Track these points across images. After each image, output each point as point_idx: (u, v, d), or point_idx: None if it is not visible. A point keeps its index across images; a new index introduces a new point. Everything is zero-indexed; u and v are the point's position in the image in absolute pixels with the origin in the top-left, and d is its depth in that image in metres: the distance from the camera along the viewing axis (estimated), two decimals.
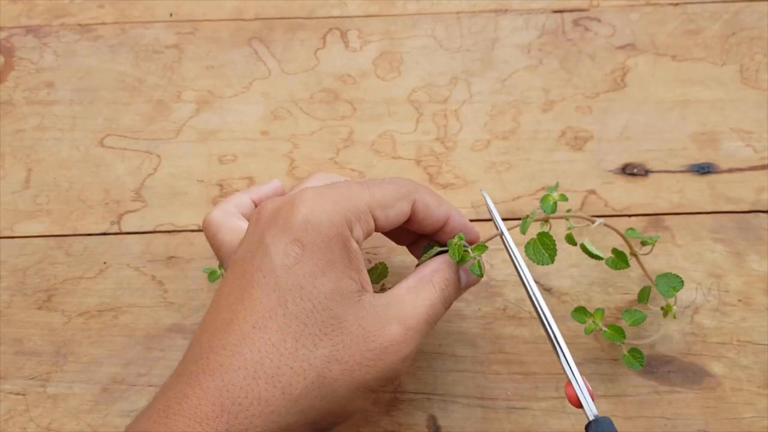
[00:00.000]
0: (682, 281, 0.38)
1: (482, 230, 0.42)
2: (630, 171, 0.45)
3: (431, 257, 0.35)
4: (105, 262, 0.44)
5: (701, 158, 0.46)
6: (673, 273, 0.39)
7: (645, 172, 0.45)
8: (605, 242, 0.43)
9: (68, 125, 0.48)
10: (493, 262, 0.43)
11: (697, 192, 0.45)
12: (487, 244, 0.34)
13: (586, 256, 0.41)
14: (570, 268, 0.42)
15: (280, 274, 0.30)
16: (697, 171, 0.45)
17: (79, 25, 0.51)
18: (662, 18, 0.49)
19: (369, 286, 0.32)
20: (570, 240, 0.38)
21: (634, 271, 0.43)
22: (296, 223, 0.30)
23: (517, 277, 0.43)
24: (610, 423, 0.31)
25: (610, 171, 0.46)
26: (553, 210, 0.36)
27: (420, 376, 0.41)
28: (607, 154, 0.46)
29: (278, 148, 0.47)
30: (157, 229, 0.45)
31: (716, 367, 0.40)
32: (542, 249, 0.35)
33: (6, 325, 0.43)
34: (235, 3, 0.51)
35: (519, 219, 0.44)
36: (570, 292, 0.42)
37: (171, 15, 0.51)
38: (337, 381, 0.29)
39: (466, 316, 0.42)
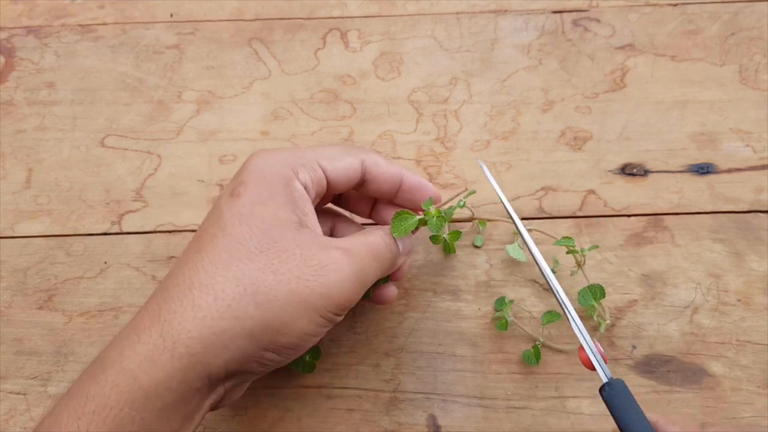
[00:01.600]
0: (603, 293, 0.39)
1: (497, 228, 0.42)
2: (629, 171, 0.46)
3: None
4: (105, 262, 0.44)
5: (700, 158, 0.46)
6: (599, 285, 0.39)
7: (644, 172, 0.45)
8: (604, 242, 0.43)
9: (69, 125, 0.48)
10: (492, 261, 0.43)
11: (696, 192, 0.45)
12: (479, 236, 0.35)
13: (586, 257, 0.41)
14: (570, 269, 0.43)
15: (224, 208, 0.32)
16: (697, 171, 0.45)
17: (80, 25, 0.51)
18: (661, 18, 0.49)
19: (316, 227, 0.33)
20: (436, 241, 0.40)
21: (633, 271, 0.43)
22: (242, 172, 0.33)
23: (516, 277, 0.43)
24: (623, 385, 0.31)
25: (610, 171, 0.46)
26: (438, 227, 0.37)
27: (420, 376, 0.41)
28: (606, 154, 0.46)
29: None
30: (158, 229, 0.45)
31: (715, 367, 0.41)
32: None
33: (6, 324, 0.43)
34: (235, 3, 0.51)
35: (522, 219, 0.44)
36: (570, 292, 0.42)
37: (171, 15, 0.51)
38: (272, 289, 0.30)
39: (466, 316, 0.42)
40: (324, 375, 0.41)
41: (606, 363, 0.32)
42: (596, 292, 0.39)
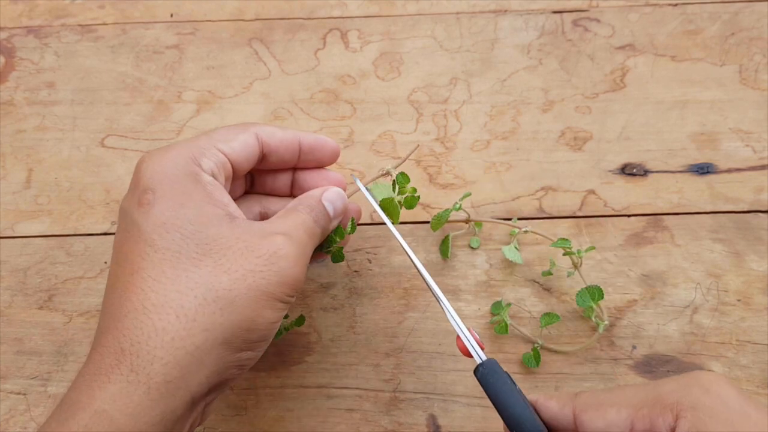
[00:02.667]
0: (602, 294, 0.39)
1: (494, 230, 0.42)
2: (629, 171, 0.46)
3: None
4: (106, 262, 0.44)
5: (700, 158, 0.46)
6: (597, 286, 0.39)
7: (644, 172, 0.45)
8: (604, 242, 0.43)
9: (69, 125, 0.48)
10: (492, 261, 0.43)
11: (696, 192, 0.45)
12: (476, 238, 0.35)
13: (585, 258, 0.41)
14: (567, 270, 0.43)
15: (140, 222, 0.30)
16: (697, 171, 0.45)
17: (80, 25, 0.51)
18: (661, 18, 0.50)
19: (242, 215, 0.32)
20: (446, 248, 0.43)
21: (633, 271, 0.43)
22: (142, 179, 0.31)
23: (516, 277, 0.43)
24: (495, 363, 0.31)
25: (610, 171, 0.46)
26: (338, 257, 0.38)
27: (420, 376, 0.41)
28: (606, 154, 0.46)
29: None
30: None
31: (715, 367, 0.41)
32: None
33: (7, 324, 0.43)
34: (235, 3, 0.51)
35: (520, 219, 0.44)
36: (569, 292, 0.42)
37: (171, 15, 0.51)
38: (231, 291, 0.29)
39: (466, 316, 0.42)
40: (324, 375, 0.41)
41: (482, 349, 0.33)
42: (594, 293, 0.39)
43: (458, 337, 0.33)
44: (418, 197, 0.39)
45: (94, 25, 0.51)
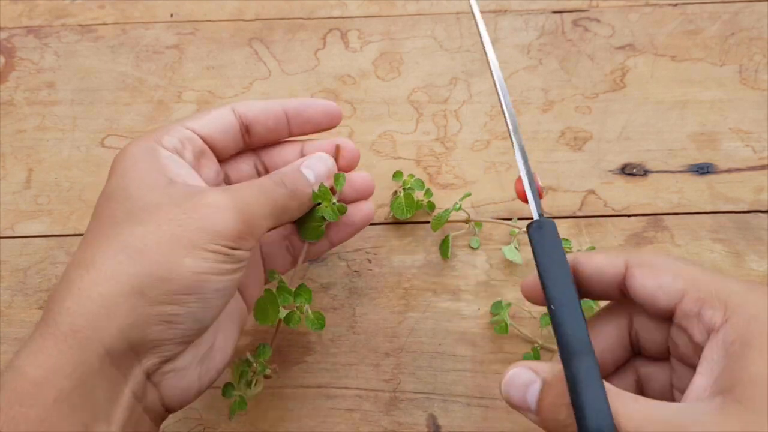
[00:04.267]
0: None
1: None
2: (629, 171, 0.46)
3: None
4: None
5: (700, 158, 0.46)
6: None
7: (644, 172, 0.45)
8: (604, 242, 0.43)
9: (69, 125, 0.48)
10: (492, 261, 0.43)
11: (696, 192, 0.45)
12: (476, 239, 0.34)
13: None
14: None
15: (99, 201, 0.31)
16: (697, 171, 0.45)
17: (80, 25, 0.51)
18: (661, 18, 0.50)
19: (195, 181, 0.32)
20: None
21: None
22: (114, 162, 0.32)
23: (516, 277, 0.43)
24: (553, 226, 0.29)
25: (610, 171, 0.46)
26: (333, 213, 0.36)
27: (420, 376, 0.41)
28: (606, 154, 0.46)
29: None
30: None
31: None
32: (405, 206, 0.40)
33: (7, 324, 0.43)
34: (235, 3, 0.51)
35: (520, 219, 0.44)
36: None
37: (171, 15, 0.51)
38: (143, 239, 0.28)
39: (466, 316, 0.42)
40: (324, 375, 0.41)
41: (541, 199, 0.31)
42: None
43: (518, 179, 0.31)
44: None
45: (94, 25, 0.51)
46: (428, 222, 0.44)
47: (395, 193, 0.44)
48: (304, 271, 0.43)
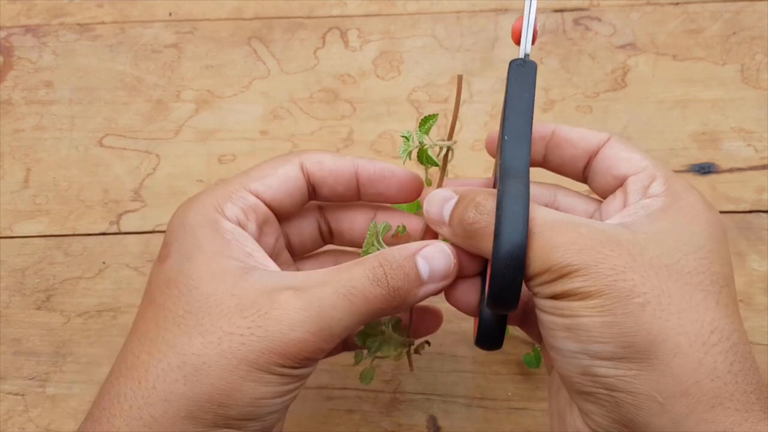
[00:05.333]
0: None
1: None
2: None
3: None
4: (104, 262, 0.44)
5: (702, 158, 0.46)
6: None
7: None
8: None
9: (67, 125, 0.48)
10: None
11: None
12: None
13: None
14: None
15: (152, 279, 0.28)
16: (698, 171, 0.45)
17: (78, 24, 0.51)
18: (663, 17, 0.49)
19: (264, 265, 0.28)
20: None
21: None
22: (168, 230, 0.29)
23: None
24: (534, 68, 0.29)
25: None
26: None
27: (420, 376, 0.41)
28: None
29: (278, 148, 0.47)
30: (157, 229, 0.45)
31: None
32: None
33: (5, 325, 0.43)
34: (234, 2, 0.51)
35: None
36: None
37: (170, 14, 0.51)
38: (199, 356, 0.25)
39: (467, 317, 0.42)
40: (324, 376, 0.41)
41: (534, 42, 0.30)
42: None
43: (519, 17, 0.29)
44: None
45: (92, 24, 0.51)
46: None
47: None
48: None
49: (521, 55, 0.29)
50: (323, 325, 0.26)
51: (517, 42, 0.29)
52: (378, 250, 0.30)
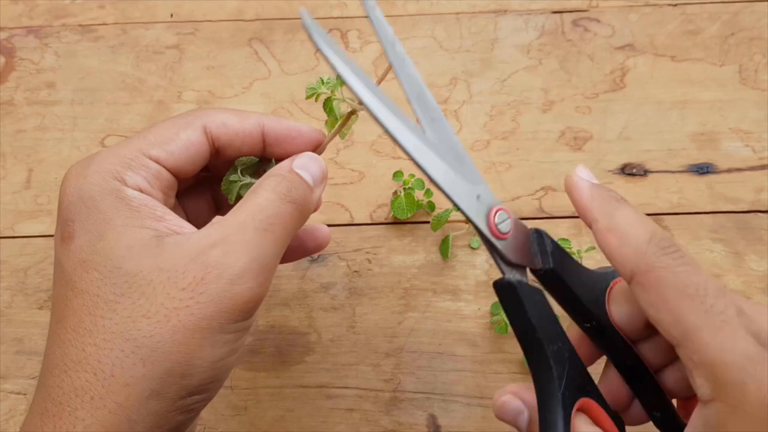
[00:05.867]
0: None
1: None
2: (629, 171, 0.46)
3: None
4: None
5: (700, 158, 0.46)
6: None
7: (644, 172, 0.45)
8: None
9: (69, 125, 0.48)
10: (492, 262, 0.43)
11: (696, 192, 0.45)
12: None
13: (585, 258, 0.41)
14: None
15: (63, 261, 0.27)
16: (696, 171, 0.45)
17: (80, 25, 0.51)
18: (661, 18, 0.49)
19: (179, 228, 0.27)
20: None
21: None
22: (62, 206, 0.28)
23: None
24: (509, 286, 0.27)
25: (610, 171, 0.46)
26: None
27: (420, 376, 0.41)
28: (606, 155, 0.46)
29: None
30: None
31: None
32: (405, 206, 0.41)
33: (7, 324, 0.43)
34: (235, 3, 0.51)
35: (520, 219, 0.44)
36: None
37: (171, 16, 0.51)
38: (152, 337, 0.25)
39: (466, 316, 0.42)
40: (324, 375, 0.41)
41: (505, 239, 0.27)
42: None
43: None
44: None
45: (94, 25, 0.51)
46: (428, 222, 0.44)
47: (395, 193, 0.44)
48: (305, 270, 0.43)
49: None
50: (260, 267, 0.26)
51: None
52: (240, 180, 0.31)
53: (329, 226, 0.37)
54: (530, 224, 0.43)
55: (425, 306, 0.42)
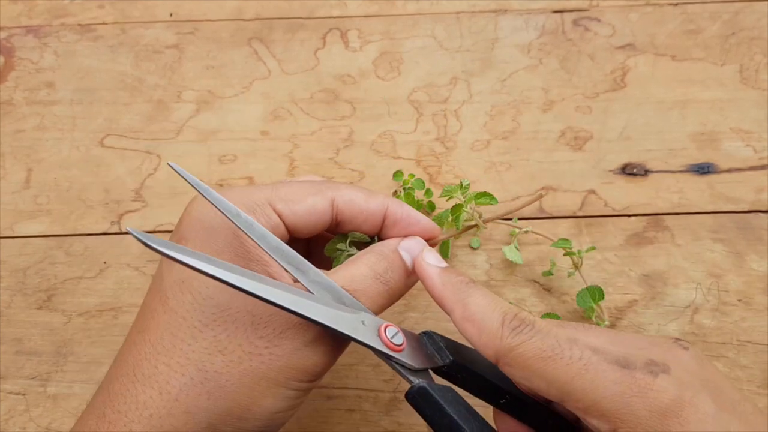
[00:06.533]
0: (602, 294, 0.39)
1: None
2: (630, 171, 0.45)
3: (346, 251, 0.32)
4: (105, 262, 0.44)
5: (701, 158, 0.46)
6: (597, 286, 0.39)
7: (645, 172, 0.45)
8: (604, 242, 0.43)
9: (68, 125, 0.48)
10: (492, 262, 0.43)
11: (696, 192, 0.45)
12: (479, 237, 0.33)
13: (585, 258, 0.41)
14: (567, 270, 0.42)
15: (163, 274, 0.28)
16: (697, 171, 0.45)
17: (79, 25, 0.51)
18: (662, 18, 0.49)
19: (279, 278, 0.28)
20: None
21: (634, 271, 0.43)
22: (183, 223, 0.29)
23: (517, 277, 0.43)
24: (424, 391, 0.27)
25: (610, 171, 0.46)
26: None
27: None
28: (606, 154, 0.46)
29: (278, 148, 0.47)
30: (158, 229, 0.45)
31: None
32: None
33: (6, 324, 0.43)
34: (235, 3, 0.51)
35: (521, 219, 0.44)
36: (570, 293, 0.42)
37: (171, 15, 0.51)
38: (222, 374, 0.26)
39: None
40: (324, 375, 0.41)
41: (401, 351, 0.28)
42: (595, 293, 0.39)
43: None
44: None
45: (93, 25, 0.51)
46: None
47: (395, 192, 0.44)
48: None
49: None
50: (333, 338, 0.27)
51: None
52: (347, 250, 0.32)
53: None
54: (530, 223, 0.43)
55: (425, 306, 0.42)
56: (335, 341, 0.28)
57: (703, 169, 0.45)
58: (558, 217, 0.44)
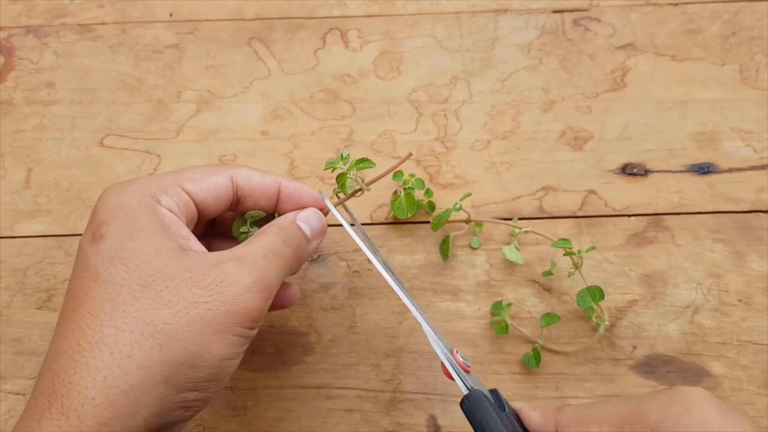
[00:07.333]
0: (602, 294, 0.39)
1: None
2: (630, 171, 0.45)
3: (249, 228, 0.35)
4: None
5: (701, 158, 0.46)
6: (597, 286, 0.39)
7: (645, 172, 0.45)
8: (605, 242, 0.43)
9: (68, 125, 0.48)
10: (492, 262, 0.43)
11: (697, 192, 0.45)
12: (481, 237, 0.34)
13: (585, 258, 0.41)
14: (567, 270, 0.42)
15: (90, 257, 0.29)
16: (697, 171, 0.45)
17: (79, 25, 0.51)
18: (662, 18, 0.49)
19: (200, 248, 0.31)
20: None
21: (634, 271, 0.43)
22: (98, 213, 0.30)
23: (517, 277, 0.43)
24: (480, 395, 0.30)
25: (610, 171, 0.46)
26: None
27: (420, 376, 0.41)
28: (606, 154, 0.46)
29: (278, 148, 0.47)
30: None
31: (716, 367, 0.40)
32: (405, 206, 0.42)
33: (6, 324, 0.43)
34: (235, 3, 0.51)
35: (521, 219, 0.44)
36: (570, 292, 0.42)
37: (171, 15, 0.51)
38: (171, 324, 0.27)
39: (466, 316, 0.42)
40: (324, 375, 0.41)
41: (468, 373, 0.31)
42: (595, 293, 0.39)
43: (443, 363, 0.31)
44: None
45: (93, 25, 0.51)
46: (428, 222, 0.44)
47: (395, 192, 0.44)
48: (304, 270, 0.43)
49: (464, 392, 0.30)
50: (266, 284, 0.30)
51: (452, 378, 0.31)
52: (250, 231, 0.36)
53: (329, 226, 0.37)
54: (531, 223, 0.43)
55: (425, 306, 0.42)
56: (268, 288, 0.30)
57: (704, 169, 0.45)
58: (558, 217, 0.44)
